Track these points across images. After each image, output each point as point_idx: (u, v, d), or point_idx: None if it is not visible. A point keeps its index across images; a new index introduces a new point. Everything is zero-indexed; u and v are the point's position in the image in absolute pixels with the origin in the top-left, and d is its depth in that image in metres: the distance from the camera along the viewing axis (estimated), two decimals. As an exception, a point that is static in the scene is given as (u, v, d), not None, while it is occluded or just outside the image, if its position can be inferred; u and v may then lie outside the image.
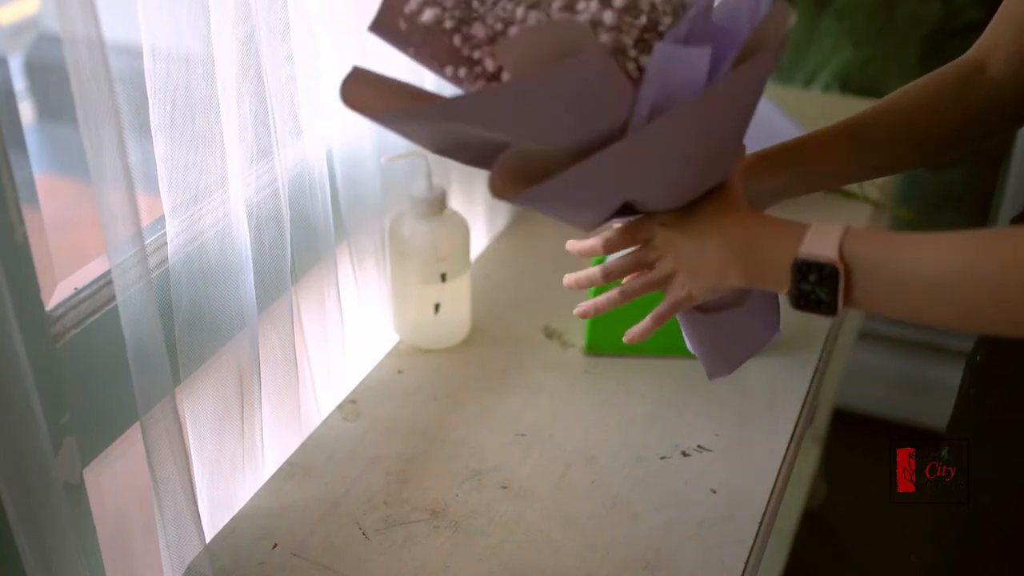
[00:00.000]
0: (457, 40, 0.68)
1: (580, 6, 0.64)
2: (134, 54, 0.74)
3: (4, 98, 0.67)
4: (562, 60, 0.59)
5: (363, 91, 0.68)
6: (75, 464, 0.75)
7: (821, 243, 0.65)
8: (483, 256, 1.30)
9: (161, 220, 0.81)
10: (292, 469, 0.96)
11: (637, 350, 1.10)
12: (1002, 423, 0.83)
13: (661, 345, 1.09)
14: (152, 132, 0.76)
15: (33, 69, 1.34)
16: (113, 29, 0.67)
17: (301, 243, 0.95)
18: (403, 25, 0.70)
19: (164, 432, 0.79)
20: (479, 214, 1.29)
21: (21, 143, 0.69)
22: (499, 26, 0.66)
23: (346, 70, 0.70)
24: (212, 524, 0.90)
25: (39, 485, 0.71)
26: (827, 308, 0.66)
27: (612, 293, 0.80)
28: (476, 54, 0.67)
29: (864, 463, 1.61)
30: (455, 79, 0.69)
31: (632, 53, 0.65)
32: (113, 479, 0.86)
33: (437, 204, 1.06)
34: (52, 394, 0.71)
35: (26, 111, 1.23)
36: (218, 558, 0.86)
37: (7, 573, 0.71)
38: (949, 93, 0.83)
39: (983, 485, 0.84)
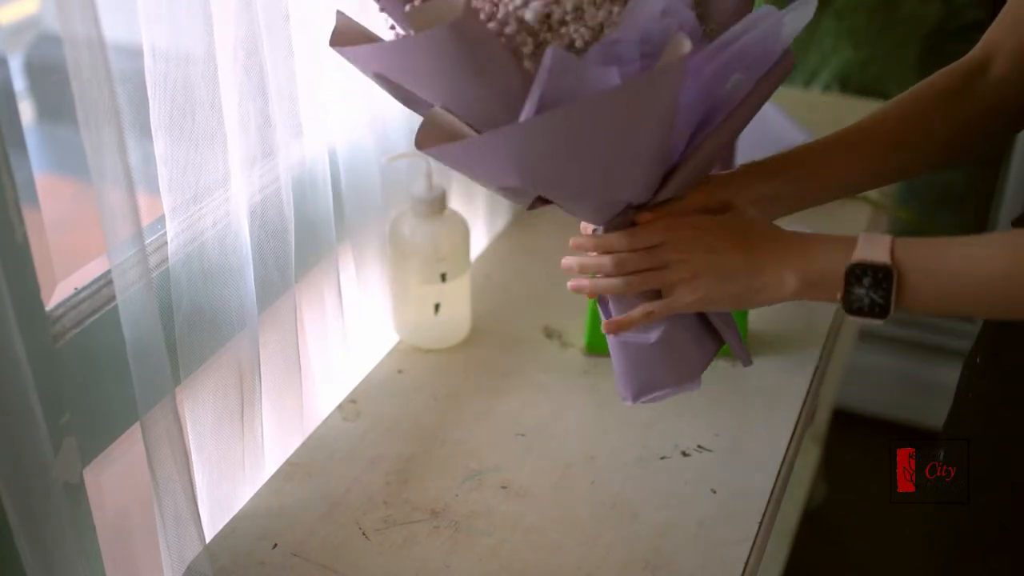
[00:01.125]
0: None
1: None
2: (134, 54, 0.74)
3: (4, 98, 0.67)
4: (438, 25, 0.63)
5: (343, 30, 0.74)
6: (75, 464, 0.75)
7: (873, 249, 0.70)
8: (483, 256, 1.30)
9: (161, 220, 0.81)
10: (292, 469, 0.96)
11: (637, 350, 1.10)
12: (999, 425, 0.83)
13: (661, 345, 1.09)
14: (152, 132, 0.76)
15: (33, 69, 1.34)
16: (113, 29, 0.67)
17: (303, 242, 0.95)
18: None
19: (164, 432, 0.79)
20: (479, 214, 1.29)
21: (21, 143, 0.68)
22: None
23: (349, 66, 0.72)
24: (212, 524, 0.90)
25: (39, 485, 0.71)
26: (880, 311, 0.70)
27: (615, 281, 0.79)
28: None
29: (864, 463, 1.61)
30: (383, 10, 0.74)
31: (526, 50, 0.67)
32: (113, 479, 0.86)
33: (437, 204, 1.06)
34: (52, 394, 0.71)
35: (26, 111, 1.22)
36: (218, 558, 0.86)
37: (7, 573, 0.71)
38: (950, 96, 0.83)
39: (980, 487, 0.84)
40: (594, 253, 0.80)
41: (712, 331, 0.82)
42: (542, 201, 0.77)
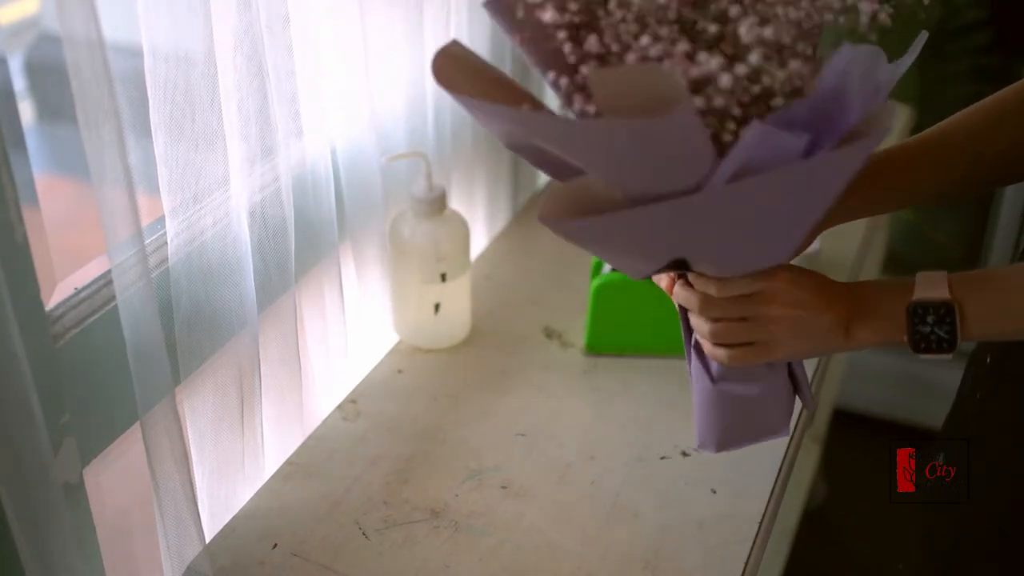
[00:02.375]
0: (567, 46, 0.64)
1: (701, 58, 0.60)
2: (134, 54, 0.74)
3: (4, 98, 0.67)
4: (652, 114, 0.57)
5: (453, 67, 0.67)
6: (75, 464, 0.75)
7: (931, 287, 0.72)
8: (483, 256, 1.30)
9: (161, 220, 0.81)
10: (292, 469, 0.96)
11: (637, 350, 1.10)
12: (1006, 425, 0.83)
13: (661, 345, 1.09)
14: (152, 132, 0.76)
15: (33, 69, 1.35)
16: (113, 29, 0.67)
17: (302, 242, 0.95)
18: (519, 12, 0.65)
19: (164, 432, 0.79)
20: (479, 214, 1.29)
21: (21, 143, 0.68)
22: (615, 47, 0.63)
23: (349, 66, 0.69)
24: (212, 524, 0.90)
25: (39, 485, 0.71)
26: (948, 345, 0.72)
27: (699, 322, 0.76)
28: (582, 68, 0.64)
29: (864, 463, 1.60)
30: (553, 84, 0.66)
31: (731, 126, 0.62)
32: (113, 479, 0.86)
33: (437, 204, 1.06)
34: (52, 394, 0.71)
35: (26, 111, 1.23)
36: (218, 558, 0.86)
37: (7, 573, 0.71)
38: (1015, 108, 0.82)
39: (985, 487, 0.84)
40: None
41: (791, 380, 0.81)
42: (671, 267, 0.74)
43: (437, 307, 1.09)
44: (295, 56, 0.89)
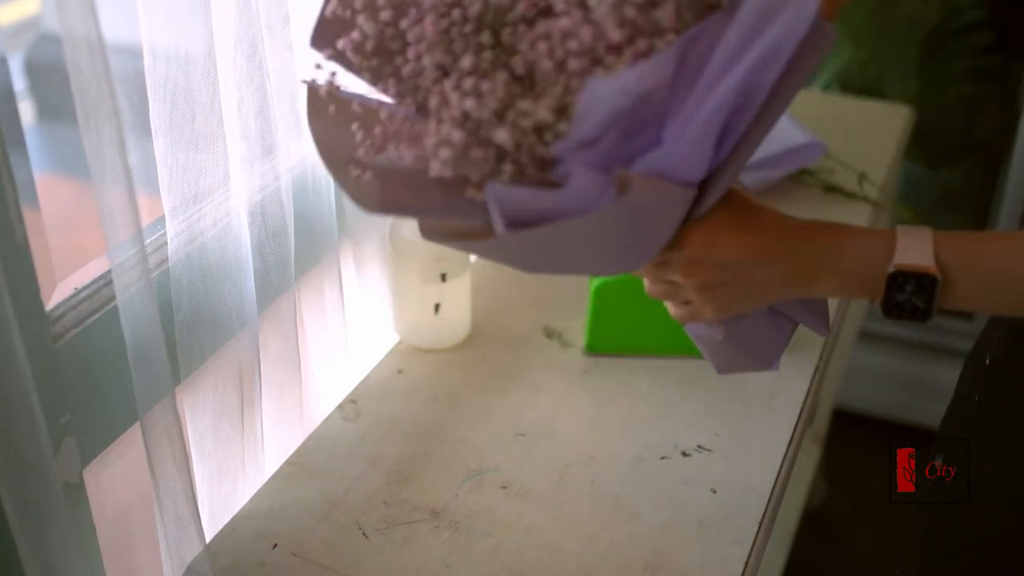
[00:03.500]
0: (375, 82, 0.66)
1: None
2: (134, 54, 0.74)
3: (4, 98, 0.67)
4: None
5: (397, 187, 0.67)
6: (75, 464, 0.75)
7: (915, 252, 0.66)
8: (483, 256, 1.30)
9: (161, 220, 0.81)
10: (292, 469, 0.96)
11: (637, 350, 1.10)
12: (1007, 425, 0.83)
13: (661, 345, 1.09)
14: (152, 132, 0.76)
15: (33, 69, 1.35)
16: (113, 29, 0.67)
17: (303, 242, 0.95)
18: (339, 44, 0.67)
19: (164, 432, 0.79)
20: (479, 214, 1.29)
21: (21, 143, 0.68)
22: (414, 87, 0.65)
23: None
24: (212, 524, 0.90)
25: (39, 485, 0.71)
26: (922, 315, 0.67)
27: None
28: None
29: (864, 463, 1.61)
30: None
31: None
32: (113, 479, 0.86)
33: (437, 204, 1.06)
34: (52, 394, 0.71)
35: (26, 111, 1.23)
36: (218, 558, 0.86)
37: (7, 573, 0.71)
38: None
39: (984, 487, 0.84)
40: None
41: (782, 317, 0.78)
42: None
43: (437, 307, 1.09)
44: (295, 56, 0.89)
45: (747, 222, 0.70)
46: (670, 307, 0.75)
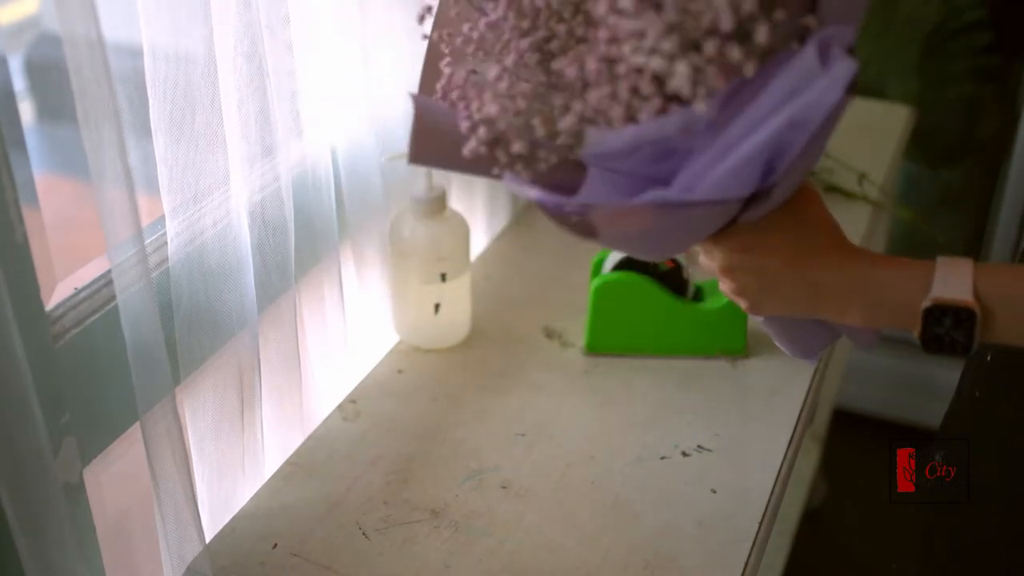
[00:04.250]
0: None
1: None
2: (134, 54, 0.74)
3: (4, 98, 0.67)
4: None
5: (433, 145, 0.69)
6: (75, 464, 0.75)
7: (954, 286, 0.65)
8: (483, 256, 1.30)
9: (161, 220, 0.81)
10: (292, 469, 0.96)
11: (637, 350, 1.10)
12: (1006, 424, 0.83)
13: (661, 345, 1.09)
14: (152, 132, 0.76)
15: (33, 69, 1.34)
16: (113, 29, 0.67)
17: (303, 242, 0.95)
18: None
19: (164, 432, 0.79)
20: (479, 214, 1.29)
21: (21, 143, 0.68)
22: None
23: (349, 66, 0.70)
24: (212, 524, 0.90)
25: (39, 485, 0.71)
26: (963, 349, 0.65)
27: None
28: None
29: (864, 463, 1.61)
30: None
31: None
32: (113, 479, 0.86)
33: (437, 204, 1.06)
34: (52, 394, 0.71)
35: (26, 111, 1.22)
36: (218, 558, 0.86)
37: (7, 573, 0.71)
38: None
39: (984, 486, 0.84)
40: None
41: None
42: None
43: (437, 307, 1.09)
44: (295, 56, 0.89)
45: (790, 236, 0.70)
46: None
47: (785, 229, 0.70)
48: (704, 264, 0.76)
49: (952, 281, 0.65)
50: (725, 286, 0.75)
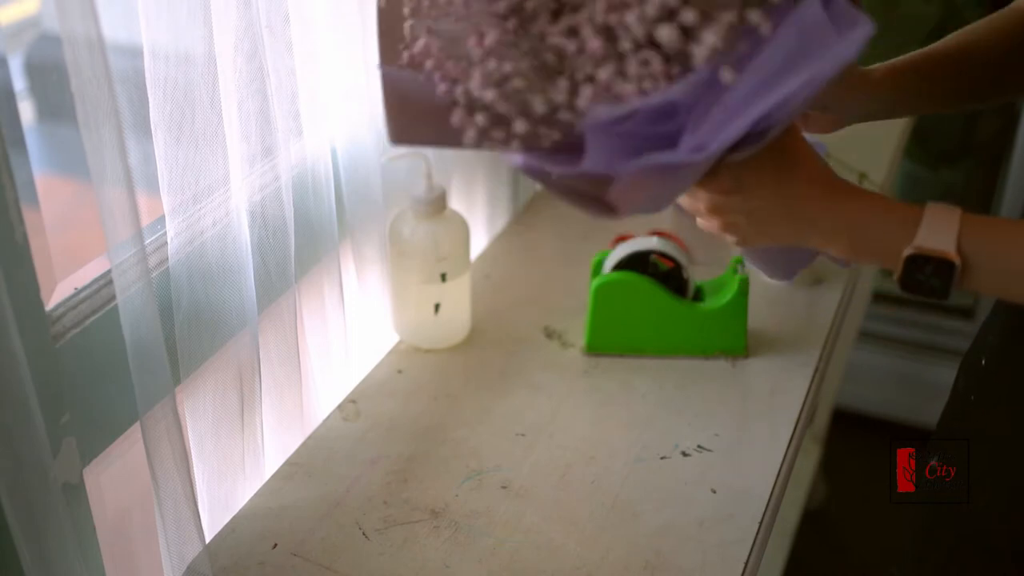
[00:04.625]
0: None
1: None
2: (134, 54, 0.74)
3: (4, 98, 0.67)
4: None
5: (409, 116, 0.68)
6: (75, 464, 0.75)
7: (938, 236, 0.66)
8: (483, 256, 1.30)
9: (161, 220, 0.81)
10: (292, 469, 0.96)
11: (637, 350, 1.10)
12: (1004, 426, 0.83)
13: (661, 345, 1.09)
14: (152, 132, 0.76)
15: (33, 69, 1.34)
16: (113, 29, 0.67)
17: (303, 242, 0.95)
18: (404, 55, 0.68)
19: (164, 432, 0.79)
20: (479, 214, 1.29)
21: (21, 143, 0.68)
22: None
23: (349, 66, 0.70)
24: (212, 524, 0.90)
25: (38, 485, 0.71)
26: (939, 295, 0.67)
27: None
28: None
29: (864, 463, 1.61)
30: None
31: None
32: (113, 479, 0.86)
33: (437, 204, 1.06)
34: (52, 394, 0.71)
35: (26, 111, 1.23)
36: (218, 558, 0.86)
37: (6, 573, 0.71)
38: None
39: (981, 487, 0.84)
40: None
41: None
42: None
43: (437, 307, 1.09)
44: (295, 56, 0.89)
45: (777, 173, 0.71)
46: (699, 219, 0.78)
47: (768, 166, 0.71)
48: (687, 205, 0.76)
49: (937, 231, 0.66)
50: (711, 225, 0.76)
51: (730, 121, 0.61)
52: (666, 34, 0.59)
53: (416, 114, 0.67)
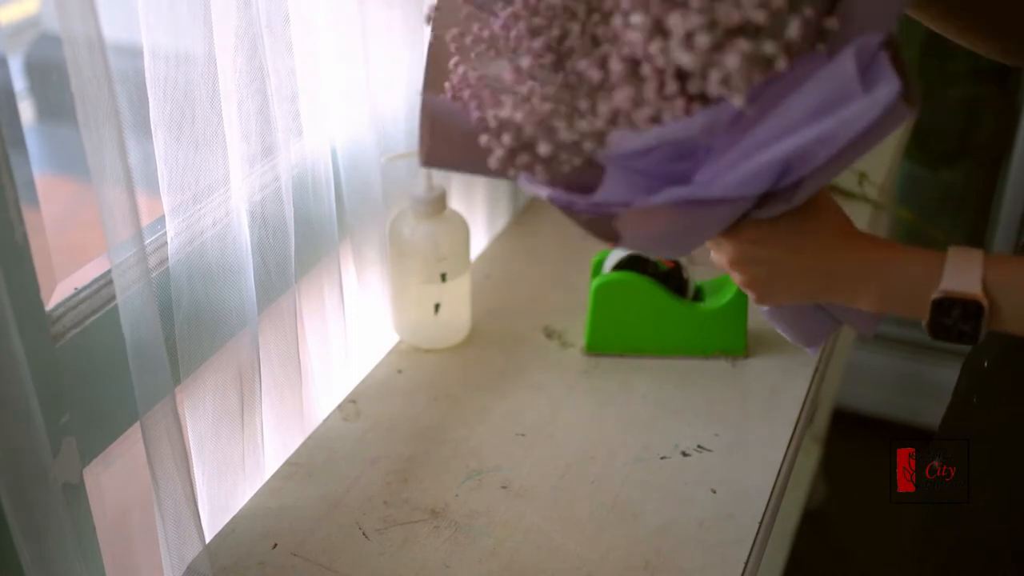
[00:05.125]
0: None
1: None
2: (134, 54, 0.74)
3: (4, 98, 0.67)
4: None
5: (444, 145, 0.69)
6: (75, 464, 0.75)
7: (963, 278, 0.66)
8: (483, 256, 1.30)
9: (161, 220, 0.81)
10: (292, 469, 0.96)
11: (637, 350, 1.10)
12: (1005, 428, 0.83)
13: (661, 345, 1.09)
14: (152, 132, 0.76)
15: (33, 69, 1.34)
16: (113, 29, 0.67)
17: (303, 242, 0.95)
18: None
19: (164, 432, 0.79)
20: (479, 214, 1.29)
21: (21, 143, 0.68)
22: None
23: (349, 66, 0.70)
24: (212, 524, 0.90)
25: (38, 485, 0.71)
26: (969, 340, 0.66)
27: None
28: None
29: (864, 463, 1.61)
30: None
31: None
32: (113, 479, 0.86)
33: (437, 204, 1.06)
34: (52, 394, 0.71)
35: (26, 111, 1.23)
36: (218, 558, 0.86)
37: (6, 573, 0.71)
38: None
39: (981, 488, 0.84)
40: None
41: (828, 312, 0.79)
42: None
43: (437, 307, 1.09)
44: (295, 56, 0.89)
45: (800, 225, 0.70)
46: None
47: (793, 220, 0.71)
48: (713, 258, 0.76)
49: (962, 273, 0.66)
50: (735, 278, 0.75)
51: (742, 162, 0.61)
52: (687, 59, 0.58)
53: (448, 140, 0.68)
